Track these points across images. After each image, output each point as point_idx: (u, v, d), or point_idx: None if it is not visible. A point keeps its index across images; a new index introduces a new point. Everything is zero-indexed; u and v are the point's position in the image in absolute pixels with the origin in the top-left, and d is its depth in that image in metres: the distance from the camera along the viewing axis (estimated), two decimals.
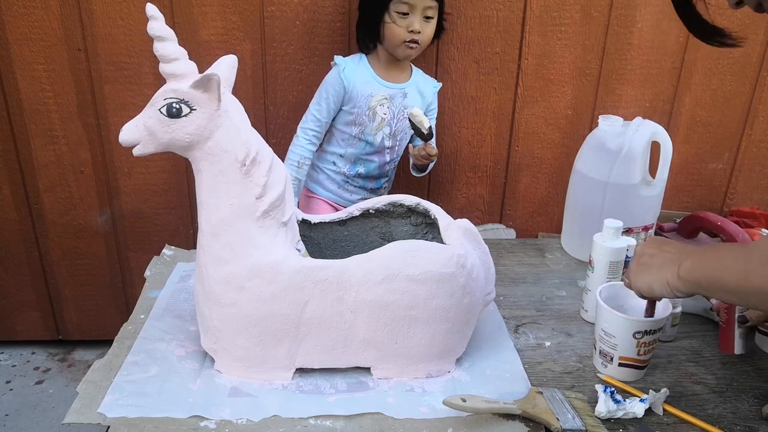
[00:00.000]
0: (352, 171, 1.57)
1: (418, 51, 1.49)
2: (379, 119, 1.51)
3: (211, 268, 0.88)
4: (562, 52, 1.74)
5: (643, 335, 0.91)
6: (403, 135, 1.57)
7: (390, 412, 0.87)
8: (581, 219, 1.35)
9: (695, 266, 0.79)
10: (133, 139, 0.84)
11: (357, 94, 1.50)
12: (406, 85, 1.55)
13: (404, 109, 1.54)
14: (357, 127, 1.52)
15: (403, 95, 1.54)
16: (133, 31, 1.61)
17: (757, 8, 0.76)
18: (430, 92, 1.60)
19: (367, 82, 1.51)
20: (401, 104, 1.53)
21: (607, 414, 0.86)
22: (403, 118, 1.54)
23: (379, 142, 1.54)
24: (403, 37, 1.44)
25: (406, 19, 1.43)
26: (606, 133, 1.29)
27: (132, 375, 0.92)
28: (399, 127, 1.55)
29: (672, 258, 0.83)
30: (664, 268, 0.83)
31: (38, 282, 1.89)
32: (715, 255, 0.78)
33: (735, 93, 1.82)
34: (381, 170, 1.59)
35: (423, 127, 1.41)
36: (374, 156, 1.56)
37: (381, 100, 1.51)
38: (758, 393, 0.94)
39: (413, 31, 1.43)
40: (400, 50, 1.47)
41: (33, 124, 1.69)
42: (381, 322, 0.90)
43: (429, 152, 1.47)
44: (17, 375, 1.91)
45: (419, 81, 1.58)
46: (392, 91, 1.53)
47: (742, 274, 0.72)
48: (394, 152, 1.59)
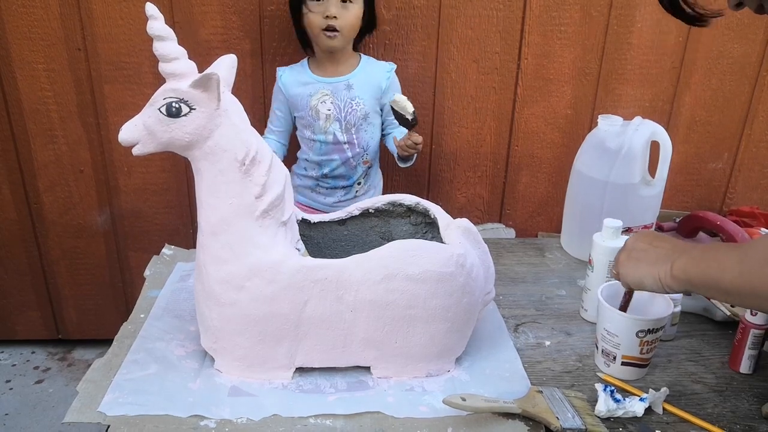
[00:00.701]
0: (319, 173, 1.56)
1: (342, 40, 1.44)
2: (323, 116, 1.49)
3: (211, 267, 0.88)
4: (562, 52, 1.74)
5: (647, 334, 0.91)
6: (359, 127, 1.52)
7: (390, 412, 0.87)
8: (581, 218, 1.35)
9: (689, 265, 0.78)
10: (132, 139, 0.84)
11: (298, 98, 1.50)
12: (350, 75, 1.51)
13: (351, 101, 1.50)
14: (308, 129, 1.52)
15: (347, 87, 1.50)
16: (132, 31, 1.61)
17: (758, 10, 0.75)
18: (382, 77, 1.54)
19: (304, 83, 1.51)
20: (347, 96, 1.50)
21: (606, 413, 0.86)
22: (351, 112, 1.50)
23: (332, 138, 1.51)
24: (319, 24, 1.41)
25: (321, 5, 1.40)
26: (605, 132, 1.29)
27: (132, 374, 0.92)
28: (350, 119, 1.50)
29: (665, 254, 0.82)
30: (656, 264, 0.82)
31: (38, 281, 1.89)
32: (711, 255, 0.77)
33: (734, 93, 1.82)
34: (347, 167, 1.55)
35: (407, 112, 1.33)
36: (333, 154, 1.53)
37: (321, 97, 1.49)
38: (758, 392, 0.94)
39: (329, 17, 1.39)
40: (321, 40, 1.43)
41: (33, 124, 1.69)
42: (381, 321, 0.90)
43: (415, 141, 1.42)
44: (17, 374, 1.91)
45: (368, 69, 1.54)
46: (333, 85, 1.50)
47: (740, 275, 0.71)
48: (355, 146, 1.53)
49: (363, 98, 1.51)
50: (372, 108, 1.53)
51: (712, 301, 1.12)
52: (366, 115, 1.52)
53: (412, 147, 1.44)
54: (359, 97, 1.51)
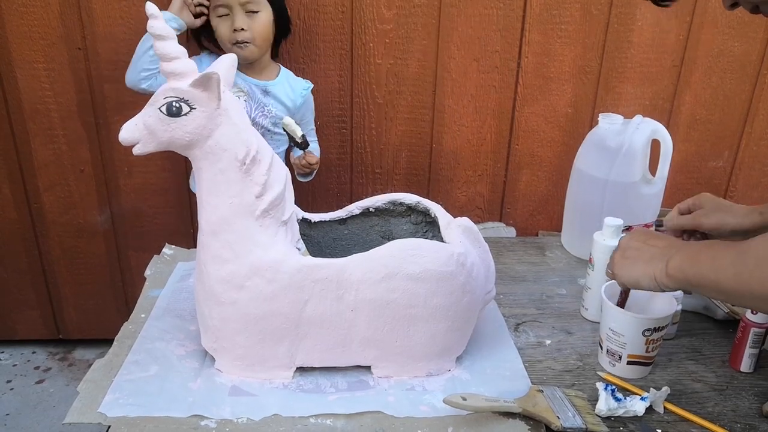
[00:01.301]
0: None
1: (256, 50, 1.44)
2: None
3: (211, 267, 0.88)
4: (562, 51, 1.73)
5: (652, 332, 0.91)
6: (264, 132, 1.48)
7: (390, 411, 0.87)
8: (581, 217, 1.35)
9: (686, 264, 0.78)
10: (133, 138, 0.84)
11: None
12: (270, 83, 1.50)
13: (263, 107, 1.48)
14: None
15: (264, 92, 1.49)
16: (133, 30, 1.61)
17: (753, 10, 0.75)
18: (298, 94, 1.54)
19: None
20: (260, 101, 1.48)
21: (607, 412, 0.86)
22: (261, 116, 1.48)
23: None
24: (229, 38, 1.41)
25: (227, 20, 1.40)
26: (606, 131, 1.29)
27: (132, 374, 0.92)
28: (258, 123, 1.48)
29: (659, 253, 0.82)
30: (651, 263, 0.82)
31: (38, 281, 1.89)
32: (708, 254, 0.76)
33: (735, 91, 1.82)
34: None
35: (296, 135, 1.34)
36: None
37: (236, 92, 1.45)
38: (758, 391, 0.94)
39: (236, 30, 1.39)
40: (235, 52, 1.42)
41: (33, 123, 1.69)
42: (381, 320, 0.90)
43: (309, 161, 1.45)
44: (18, 374, 1.91)
45: (286, 82, 1.53)
46: (250, 85, 1.48)
47: (737, 276, 0.70)
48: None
49: (276, 107, 1.50)
50: (279, 120, 1.50)
51: (712, 299, 1.12)
52: (274, 124, 1.50)
53: (306, 166, 1.47)
54: (272, 105, 1.49)
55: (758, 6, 0.73)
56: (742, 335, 0.96)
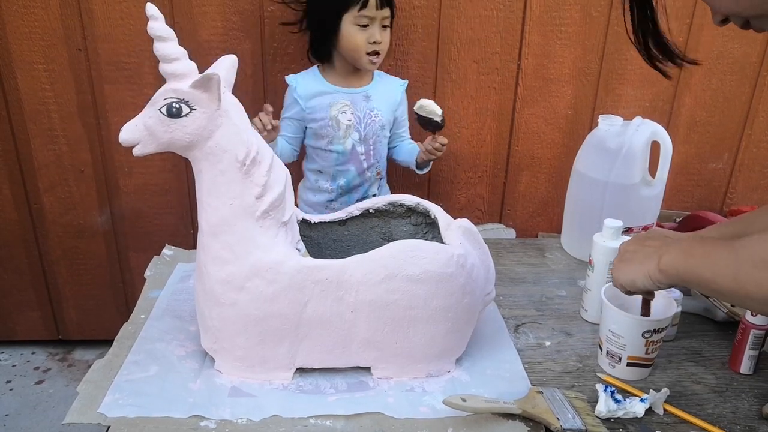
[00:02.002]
0: (333, 185, 1.55)
1: (380, 61, 1.48)
2: (344, 126, 1.49)
3: (211, 267, 0.88)
4: (562, 52, 1.74)
5: (652, 334, 0.91)
6: (376, 138, 1.53)
7: (390, 412, 0.87)
8: (581, 219, 1.35)
9: (678, 260, 0.79)
10: (133, 139, 0.84)
11: (315, 107, 1.49)
12: (368, 87, 1.53)
13: (370, 112, 1.51)
14: (324, 139, 1.50)
15: (366, 98, 1.52)
16: (133, 31, 1.61)
17: (743, 26, 0.75)
18: (397, 91, 1.58)
19: (323, 93, 1.50)
20: (366, 107, 1.51)
21: (607, 413, 0.86)
22: (370, 122, 1.51)
23: (350, 149, 1.51)
24: (365, 49, 1.43)
25: (366, 30, 1.42)
26: (606, 132, 1.29)
27: (132, 375, 0.92)
28: (369, 130, 1.52)
29: (653, 251, 0.84)
30: (645, 262, 0.84)
31: (38, 282, 1.89)
32: (701, 252, 0.77)
33: (735, 93, 1.82)
34: (362, 178, 1.56)
35: (435, 115, 1.36)
36: (349, 165, 1.53)
37: (342, 107, 1.49)
38: (758, 392, 0.94)
39: (375, 42, 1.42)
40: (363, 62, 1.45)
41: (33, 124, 1.69)
42: (381, 321, 0.90)
43: (441, 142, 1.45)
44: (17, 375, 1.91)
45: (383, 82, 1.57)
46: (352, 96, 1.51)
47: (733, 278, 0.70)
48: (371, 157, 1.54)
49: (381, 110, 1.53)
50: (387, 120, 1.55)
51: (712, 301, 1.12)
52: (383, 127, 1.54)
53: (438, 149, 1.46)
54: (377, 108, 1.52)
55: (749, 21, 0.73)
56: (741, 337, 0.96)
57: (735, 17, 0.75)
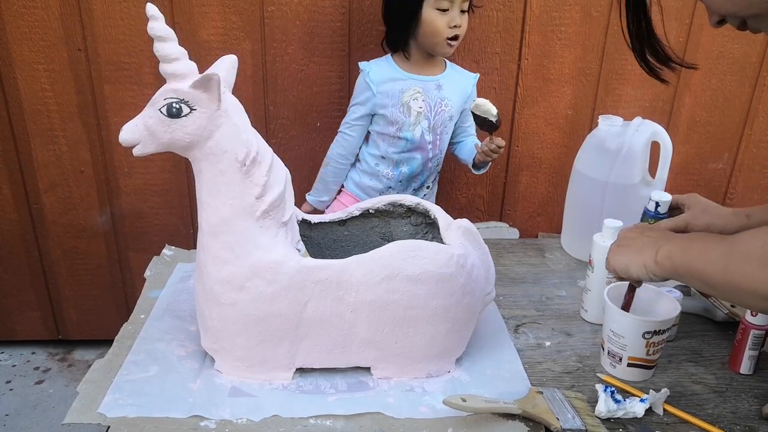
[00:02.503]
0: (395, 172, 1.53)
1: (457, 45, 1.47)
2: (414, 113, 1.48)
3: (211, 267, 0.88)
4: (562, 52, 1.74)
5: (653, 335, 0.91)
6: (443, 128, 1.52)
7: (390, 412, 0.87)
8: (581, 219, 1.35)
9: (675, 253, 0.79)
10: (133, 139, 0.84)
11: (387, 94, 1.47)
12: (440, 77, 1.52)
13: (441, 101, 1.50)
14: (394, 125, 1.49)
15: (437, 87, 1.50)
16: (133, 31, 1.61)
17: (740, 27, 0.75)
18: (469, 84, 1.56)
19: (395, 79, 1.48)
20: (437, 96, 1.50)
21: (607, 414, 0.86)
22: (441, 110, 1.50)
23: (419, 137, 1.50)
24: (445, 33, 1.41)
25: (446, 15, 1.40)
26: (606, 133, 1.29)
27: (132, 375, 0.92)
28: (438, 120, 1.50)
29: (651, 242, 0.84)
30: (642, 251, 0.84)
31: (38, 282, 1.89)
32: (698, 245, 0.77)
33: (735, 93, 1.82)
34: (425, 167, 1.55)
35: (490, 115, 1.33)
36: (416, 153, 1.52)
37: (414, 94, 1.48)
38: (758, 393, 0.94)
39: (455, 26, 1.41)
40: (441, 47, 1.44)
41: (33, 124, 1.69)
42: (381, 321, 0.90)
43: (498, 144, 1.41)
44: (17, 375, 1.91)
45: (455, 73, 1.55)
46: (424, 83, 1.49)
47: (723, 269, 0.71)
48: (437, 147, 1.54)
49: (451, 100, 1.51)
50: (456, 111, 1.54)
51: (711, 301, 1.12)
52: (451, 118, 1.53)
53: (495, 151, 1.44)
54: (448, 98, 1.50)
55: (745, 21, 0.73)
56: (741, 337, 0.96)
57: (731, 18, 0.74)
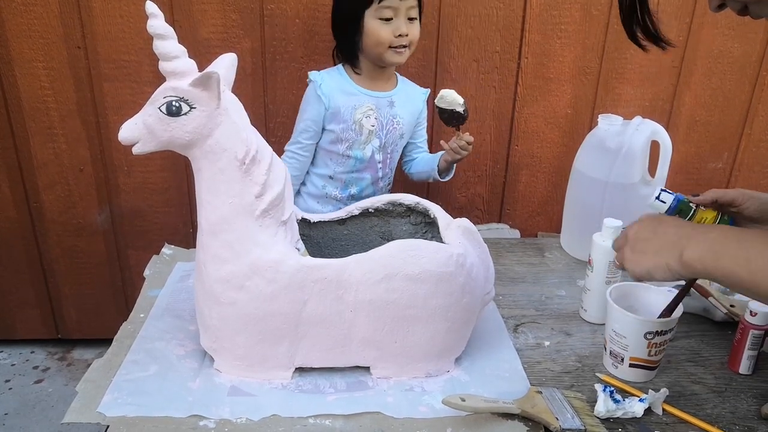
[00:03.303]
0: (344, 193, 1.49)
1: (407, 55, 1.40)
2: (366, 132, 1.43)
3: (211, 266, 0.88)
4: (562, 51, 1.73)
5: (655, 336, 0.91)
6: (394, 147, 1.49)
7: (389, 412, 0.87)
8: (581, 218, 1.35)
9: (706, 256, 0.72)
10: (132, 137, 0.84)
11: (339, 108, 1.41)
12: (392, 93, 1.47)
13: (393, 119, 1.45)
14: (344, 143, 1.43)
15: (390, 104, 1.45)
16: (132, 29, 1.60)
17: (741, 12, 0.74)
18: (420, 99, 1.53)
19: (349, 93, 1.42)
20: (389, 114, 1.45)
21: (606, 413, 0.86)
22: (392, 128, 1.46)
23: (369, 156, 1.45)
24: (390, 41, 1.35)
25: (390, 24, 1.35)
26: (606, 132, 1.29)
27: (131, 374, 0.92)
28: (389, 138, 1.46)
29: (671, 242, 0.78)
30: (662, 253, 0.78)
31: (37, 280, 1.89)
32: (736, 246, 0.70)
33: (735, 92, 1.82)
34: (375, 188, 1.51)
35: (458, 105, 1.30)
36: (365, 172, 1.48)
37: (366, 111, 1.42)
38: (757, 392, 0.94)
39: (401, 35, 1.35)
40: (388, 56, 1.38)
41: (32, 122, 1.69)
42: (380, 321, 0.90)
43: (467, 140, 1.38)
44: (16, 374, 1.91)
45: (406, 89, 1.51)
46: (377, 100, 1.44)
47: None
48: (387, 166, 1.50)
49: (403, 117, 1.47)
50: (408, 129, 1.50)
51: (711, 301, 1.12)
52: (402, 136, 1.49)
53: (464, 148, 1.40)
54: (400, 115, 1.47)
55: (747, 6, 0.72)
56: (741, 337, 0.96)
57: (732, 1, 0.73)
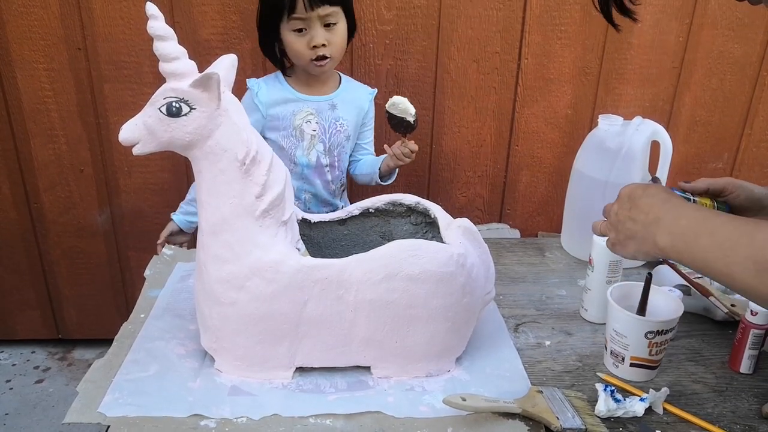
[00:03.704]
0: (298, 200, 1.44)
1: (333, 63, 1.36)
2: (308, 137, 1.39)
3: (211, 267, 0.88)
4: (562, 52, 1.74)
5: (656, 335, 0.91)
6: (341, 149, 1.44)
7: (390, 411, 0.87)
8: (581, 218, 1.35)
9: (679, 244, 0.71)
10: (133, 138, 0.84)
11: (278, 116, 1.38)
12: (334, 95, 1.42)
13: (335, 121, 1.41)
14: (286, 150, 1.40)
15: (331, 107, 1.41)
16: (133, 31, 1.61)
17: (755, 0, 0.74)
18: (365, 99, 1.47)
19: (286, 100, 1.39)
20: (331, 117, 1.41)
21: (606, 413, 0.86)
22: (336, 131, 1.41)
23: (315, 161, 1.42)
24: (307, 56, 1.31)
25: (304, 35, 1.30)
26: (606, 132, 1.29)
27: (132, 374, 0.92)
28: (333, 141, 1.42)
29: (645, 227, 0.76)
30: (639, 239, 0.77)
31: (38, 281, 1.89)
32: (707, 236, 0.68)
33: (735, 93, 1.82)
34: (327, 191, 1.47)
35: (408, 114, 1.26)
36: (314, 178, 1.44)
37: (306, 116, 1.39)
38: (758, 392, 0.94)
39: (316, 47, 1.30)
40: (310, 68, 1.34)
41: (33, 124, 1.69)
42: (381, 321, 0.90)
43: (412, 148, 1.35)
44: (17, 374, 1.91)
45: (350, 89, 1.46)
46: (317, 104, 1.40)
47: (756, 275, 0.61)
48: (336, 169, 1.46)
49: (347, 119, 1.43)
50: (354, 130, 1.46)
51: (711, 300, 1.12)
52: (348, 138, 1.45)
53: (407, 155, 1.36)
54: (343, 117, 1.42)
55: None
56: (741, 336, 0.96)
57: None
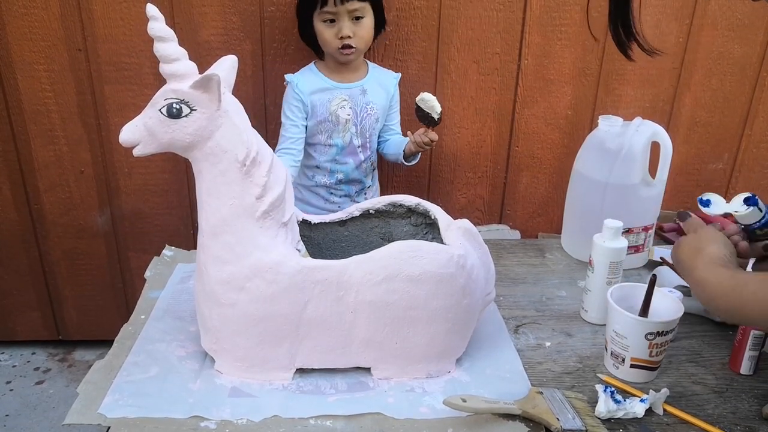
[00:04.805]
0: (332, 179, 1.58)
1: (358, 53, 1.49)
2: (343, 121, 1.53)
3: (211, 268, 0.88)
4: (562, 53, 1.74)
5: (656, 336, 0.91)
6: (372, 131, 1.57)
7: (390, 413, 0.87)
8: (581, 219, 1.35)
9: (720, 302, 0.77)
10: (133, 140, 0.84)
11: (316, 103, 1.51)
12: (364, 81, 1.55)
13: (366, 105, 1.54)
14: (323, 134, 1.53)
15: (362, 92, 1.54)
16: (133, 32, 1.61)
17: None
18: (391, 84, 1.60)
19: (322, 89, 1.52)
20: (362, 101, 1.54)
21: (607, 414, 0.86)
22: (367, 114, 1.54)
23: (349, 142, 1.55)
24: (334, 44, 1.44)
25: (333, 26, 1.44)
26: (606, 133, 1.29)
27: (132, 375, 0.92)
28: (365, 124, 1.55)
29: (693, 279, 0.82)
30: (693, 270, 0.83)
31: (38, 282, 1.89)
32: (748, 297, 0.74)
33: (735, 93, 1.82)
34: (359, 170, 1.60)
35: (434, 111, 1.40)
36: (348, 157, 1.57)
37: (340, 102, 1.52)
38: (758, 393, 0.94)
39: (343, 37, 1.43)
40: (338, 56, 1.48)
41: (33, 125, 1.69)
42: (381, 322, 0.90)
43: (432, 138, 1.47)
44: (17, 375, 1.91)
45: (377, 75, 1.59)
46: (350, 90, 1.53)
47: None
48: (367, 149, 1.59)
49: (376, 103, 1.56)
50: (382, 113, 1.58)
51: None
52: (377, 120, 1.57)
53: (428, 144, 1.48)
54: (373, 102, 1.55)
55: None
56: (742, 338, 0.96)
57: None
